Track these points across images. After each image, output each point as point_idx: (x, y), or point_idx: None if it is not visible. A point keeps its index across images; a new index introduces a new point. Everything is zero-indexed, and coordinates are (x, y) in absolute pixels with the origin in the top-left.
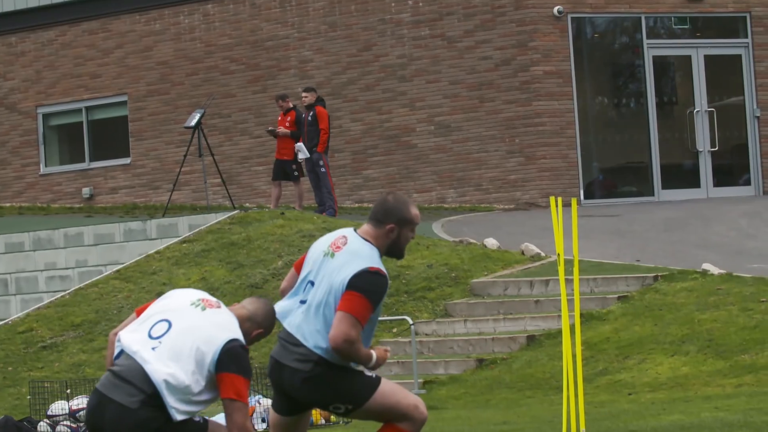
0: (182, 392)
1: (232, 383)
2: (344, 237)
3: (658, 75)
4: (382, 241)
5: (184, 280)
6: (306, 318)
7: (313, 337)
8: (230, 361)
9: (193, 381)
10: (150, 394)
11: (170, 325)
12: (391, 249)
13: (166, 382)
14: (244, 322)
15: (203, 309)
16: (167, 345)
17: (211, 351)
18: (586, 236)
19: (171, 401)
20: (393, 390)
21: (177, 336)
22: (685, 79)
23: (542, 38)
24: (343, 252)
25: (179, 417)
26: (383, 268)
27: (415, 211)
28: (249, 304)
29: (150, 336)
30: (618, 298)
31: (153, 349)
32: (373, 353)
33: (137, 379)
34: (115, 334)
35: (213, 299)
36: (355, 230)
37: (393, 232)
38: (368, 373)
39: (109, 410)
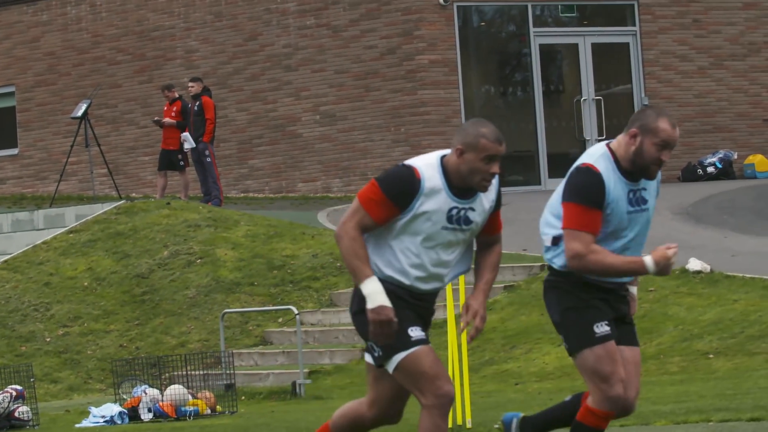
0: None
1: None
2: None
3: (545, 63)
4: (625, 148)
5: (71, 270)
6: None
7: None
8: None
9: None
10: None
11: None
12: (635, 160)
13: None
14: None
15: None
16: None
17: None
18: None
19: None
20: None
21: None
22: (573, 67)
23: (428, 27)
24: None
25: None
26: (598, 165)
27: (665, 125)
28: None
29: None
30: (504, 287)
31: None
32: (648, 260)
33: None
34: None
35: None
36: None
37: (635, 139)
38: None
39: None
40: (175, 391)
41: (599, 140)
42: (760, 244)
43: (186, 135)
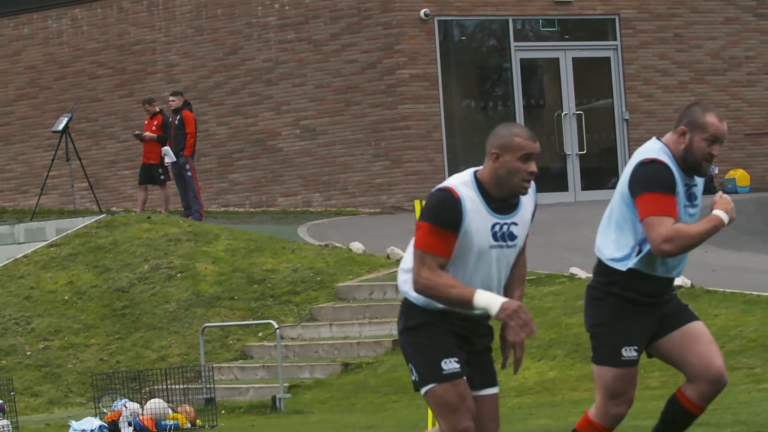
0: None
1: None
2: None
3: (525, 78)
4: (675, 146)
5: (51, 284)
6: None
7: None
8: None
9: None
10: None
11: None
12: (686, 157)
13: None
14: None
15: None
16: None
17: None
18: None
19: None
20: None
21: None
22: (553, 81)
23: (409, 41)
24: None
25: None
26: (661, 157)
27: (712, 119)
28: None
29: None
30: None
31: None
32: (719, 212)
33: None
34: None
35: None
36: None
37: (684, 136)
38: None
39: None
40: (156, 405)
41: (580, 155)
42: (741, 259)
43: (167, 149)
